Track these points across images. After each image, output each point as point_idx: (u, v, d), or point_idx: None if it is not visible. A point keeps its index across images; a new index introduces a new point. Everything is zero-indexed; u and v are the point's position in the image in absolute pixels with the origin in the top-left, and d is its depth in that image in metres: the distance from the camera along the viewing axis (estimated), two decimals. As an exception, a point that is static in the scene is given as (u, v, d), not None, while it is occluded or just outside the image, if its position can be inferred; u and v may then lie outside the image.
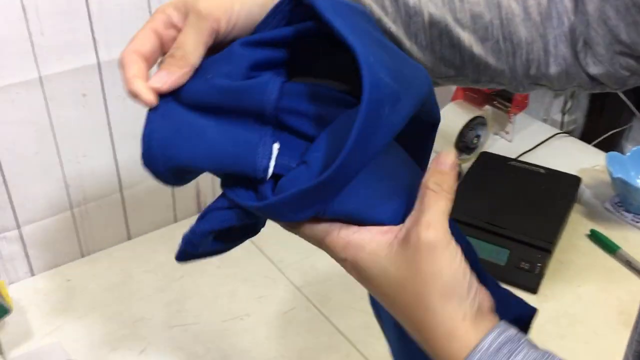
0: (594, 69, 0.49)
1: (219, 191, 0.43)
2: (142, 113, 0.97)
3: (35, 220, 0.88)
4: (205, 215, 0.43)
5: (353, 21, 0.39)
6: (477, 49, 0.50)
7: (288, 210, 0.38)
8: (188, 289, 0.90)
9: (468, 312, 0.38)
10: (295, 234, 0.41)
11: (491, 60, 0.50)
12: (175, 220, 1.03)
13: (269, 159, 0.39)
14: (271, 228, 0.46)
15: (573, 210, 1.06)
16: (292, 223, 0.40)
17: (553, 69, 0.50)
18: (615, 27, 0.47)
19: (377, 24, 0.47)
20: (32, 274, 0.91)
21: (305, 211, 0.38)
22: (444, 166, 0.39)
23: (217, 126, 0.40)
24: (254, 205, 0.39)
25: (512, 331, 0.37)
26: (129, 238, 0.99)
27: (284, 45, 0.41)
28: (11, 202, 0.84)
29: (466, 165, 1.13)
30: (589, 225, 1.02)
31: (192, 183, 0.96)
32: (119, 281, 0.91)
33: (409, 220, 0.38)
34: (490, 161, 1.13)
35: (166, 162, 0.41)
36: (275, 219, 0.40)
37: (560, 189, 1.06)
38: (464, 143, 1.18)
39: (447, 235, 0.37)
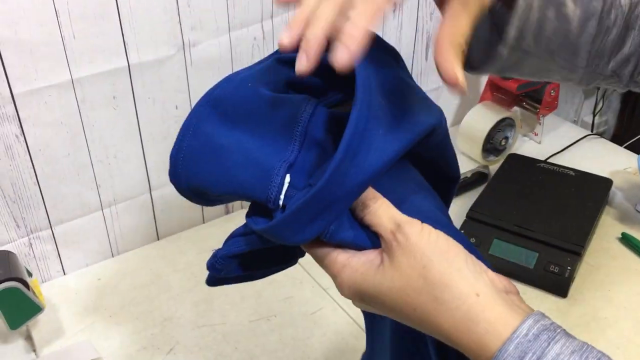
0: None
1: None
2: (170, 114, 0.98)
3: (67, 220, 0.89)
4: (227, 240, 0.45)
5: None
6: None
7: (289, 230, 0.39)
8: (215, 289, 0.91)
9: (480, 289, 0.38)
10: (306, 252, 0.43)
11: None
12: (203, 221, 1.04)
13: (280, 191, 0.40)
14: None
15: (604, 213, 1.04)
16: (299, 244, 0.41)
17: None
18: None
19: None
20: (64, 273, 0.93)
21: (305, 231, 0.39)
22: None
23: (244, 143, 0.41)
24: (260, 228, 0.40)
25: (548, 320, 0.37)
26: (158, 238, 1.00)
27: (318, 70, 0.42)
28: (44, 202, 0.86)
29: (494, 167, 1.12)
30: (620, 229, 1.00)
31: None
32: (148, 281, 0.93)
33: (386, 240, 0.40)
34: (519, 163, 1.12)
35: (188, 181, 0.43)
36: (282, 241, 0.40)
37: (591, 192, 1.05)
38: (492, 145, 1.18)
39: (415, 225, 0.39)
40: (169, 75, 0.87)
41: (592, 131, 1.34)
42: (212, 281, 0.49)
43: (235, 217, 1.06)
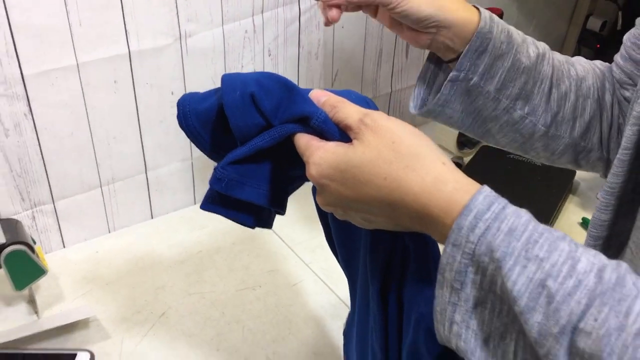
0: None
1: None
2: (166, 100, 1.06)
3: (69, 196, 0.96)
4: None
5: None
6: None
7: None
8: (205, 262, 0.98)
9: (445, 160, 0.43)
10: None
11: None
12: (195, 203, 1.11)
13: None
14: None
15: (567, 201, 1.12)
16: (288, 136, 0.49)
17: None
18: None
19: None
20: (64, 246, 1.00)
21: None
22: (322, 99, 0.49)
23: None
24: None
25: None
26: (152, 217, 1.07)
27: None
28: (48, 177, 0.92)
29: (468, 159, 1.20)
30: (581, 214, 1.09)
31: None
32: (143, 254, 0.99)
33: (354, 128, 0.47)
34: (490, 154, 1.20)
35: (193, 112, 0.51)
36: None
37: (555, 181, 1.13)
38: (467, 137, 1.25)
39: (381, 113, 0.46)
40: (166, 63, 0.94)
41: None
42: (207, 203, 0.53)
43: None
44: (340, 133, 0.47)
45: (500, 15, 1.16)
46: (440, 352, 0.48)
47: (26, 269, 0.82)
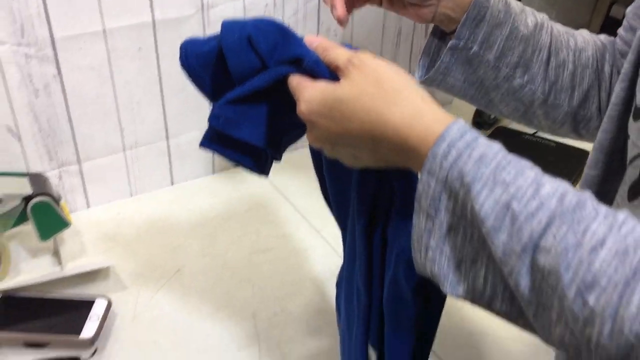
0: None
1: None
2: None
3: (94, 158, 1.01)
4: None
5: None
6: None
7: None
8: (221, 226, 1.03)
9: (424, 96, 0.46)
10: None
11: None
12: (213, 172, 1.15)
13: None
14: (296, 181, 0.57)
15: (578, 182, 1.13)
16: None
17: None
18: None
19: None
20: (88, 207, 1.05)
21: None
22: (314, 43, 0.53)
23: None
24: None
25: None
26: (172, 183, 1.12)
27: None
28: (74, 139, 0.98)
29: (482, 138, 1.22)
30: (592, 194, 1.10)
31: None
32: (162, 217, 1.04)
33: (342, 67, 0.50)
34: (505, 135, 1.22)
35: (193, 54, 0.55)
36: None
37: (568, 161, 1.14)
38: (482, 118, 1.27)
39: (369, 54, 0.49)
40: (188, 32, 0.98)
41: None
42: (207, 141, 0.57)
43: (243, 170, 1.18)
44: (331, 74, 0.50)
45: (518, -2, 1.18)
46: (417, 283, 0.51)
47: (51, 221, 0.87)
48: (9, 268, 0.88)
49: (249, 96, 0.53)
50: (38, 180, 0.88)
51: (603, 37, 0.74)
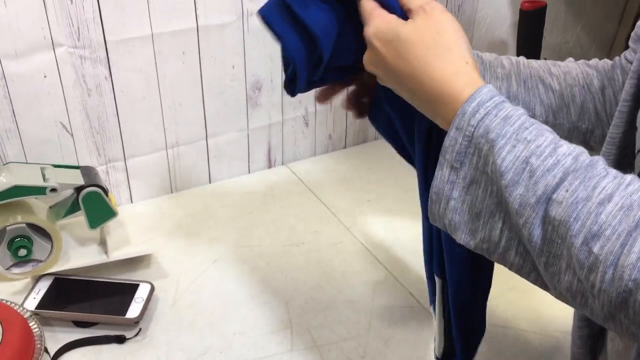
0: None
1: (287, 151, 0.57)
2: (227, 73, 1.18)
3: (138, 155, 1.08)
4: None
5: None
6: None
7: None
8: (256, 221, 1.08)
9: (469, 60, 0.51)
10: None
11: None
12: (249, 172, 1.21)
13: None
14: (328, 182, 0.60)
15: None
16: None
17: None
18: None
19: None
20: (131, 202, 1.11)
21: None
22: None
23: None
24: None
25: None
26: (210, 182, 1.18)
27: None
28: (121, 136, 1.04)
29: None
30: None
31: (265, 139, 1.13)
32: (200, 210, 1.10)
33: (414, 10, 0.54)
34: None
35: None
36: None
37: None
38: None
39: (440, 5, 0.53)
40: (229, 38, 1.05)
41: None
42: (268, 9, 0.58)
43: (277, 170, 1.23)
44: (401, 13, 0.55)
45: (544, 8, 1.22)
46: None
47: (100, 210, 0.93)
48: (60, 254, 0.94)
49: None
50: (89, 173, 0.95)
51: (592, 61, 0.77)
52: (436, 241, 0.64)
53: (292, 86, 0.62)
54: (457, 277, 0.63)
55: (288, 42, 0.58)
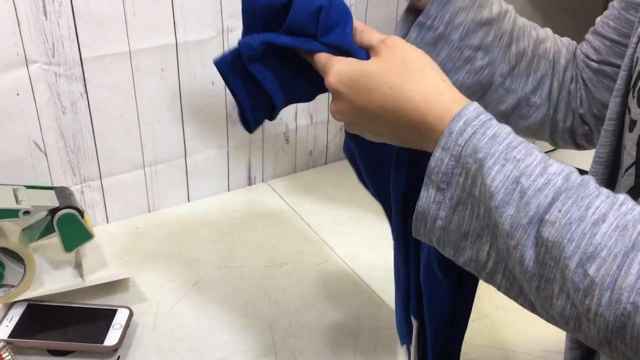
0: None
1: (267, 169, 0.55)
2: (207, 89, 1.15)
3: (115, 174, 1.05)
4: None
5: None
6: None
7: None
8: (237, 241, 1.06)
9: (445, 78, 0.50)
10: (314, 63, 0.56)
11: None
12: (229, 190, 1.19)
13: None
14: (310, 201, 0.59)
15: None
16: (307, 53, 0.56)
17: None
18: None
19: None
20: (107, 222, 1.08)
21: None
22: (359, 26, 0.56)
23: None
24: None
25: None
26: (188, 200, 1.15)
27: None
28: (97, 155, 1.01)
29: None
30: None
31: (245, 157, 1.11)
32: (179, 231, 1.07)
33: (375, 47, 0.53)
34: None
35: None
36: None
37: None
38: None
39: (401, 39, 0.53)
40: (209, 54, 1.03)
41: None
42: (223, 62, 0.61)
43: (258, 188, 1.21)
44: (364, 55, 0.54)
45: None
46: (449, 267, 0.54)
47: (75, 232, 0.90)
48: (33, 278, 0.91)
49: (284, 48, 0.55)
50: (64, 194, 0.91)
51: (565, 39, 0.78)
52: (414, 285, 0.63)
53: (246, 124, 0.65)
54: (438, 317, 0.62)
55: (240, 95, 0.61)
